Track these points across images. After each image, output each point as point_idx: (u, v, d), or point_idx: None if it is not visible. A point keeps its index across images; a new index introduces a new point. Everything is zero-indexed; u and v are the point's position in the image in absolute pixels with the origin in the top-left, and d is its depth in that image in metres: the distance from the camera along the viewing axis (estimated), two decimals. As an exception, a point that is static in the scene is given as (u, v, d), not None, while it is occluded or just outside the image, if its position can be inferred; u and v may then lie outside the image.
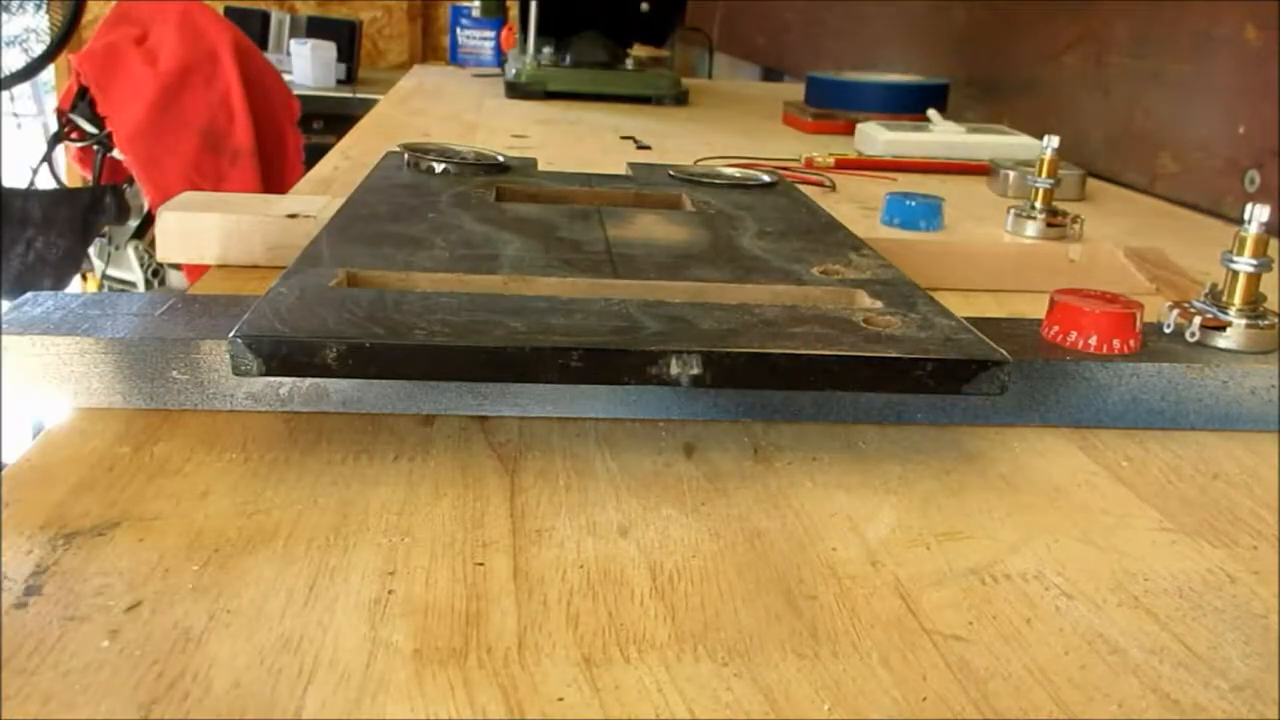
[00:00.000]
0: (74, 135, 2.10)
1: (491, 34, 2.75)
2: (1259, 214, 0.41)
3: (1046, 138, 0.63)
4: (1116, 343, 0.40)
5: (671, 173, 0.64)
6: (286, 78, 2.32)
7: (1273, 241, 0.42)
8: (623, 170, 0.67)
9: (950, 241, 0.61)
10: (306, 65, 2.67)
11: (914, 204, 0.63)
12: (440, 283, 0.39)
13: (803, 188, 0.67)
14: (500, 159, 0.62)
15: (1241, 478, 0.36)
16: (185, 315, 0.38)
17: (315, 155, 1.19)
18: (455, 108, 1.21)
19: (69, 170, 2.44)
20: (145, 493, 0.31)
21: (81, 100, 2.03)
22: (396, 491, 0.32)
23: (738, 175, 0.63)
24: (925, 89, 1.17)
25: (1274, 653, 0.26)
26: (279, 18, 2.98)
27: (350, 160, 0.82)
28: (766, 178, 0.65)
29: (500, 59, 1.98)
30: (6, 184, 1.89)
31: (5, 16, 2.11)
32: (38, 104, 3.25)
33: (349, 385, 0.37)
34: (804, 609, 0.27)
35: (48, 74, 2.90)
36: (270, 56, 2.30)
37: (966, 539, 0.31)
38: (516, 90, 1.29)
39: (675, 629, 0.26)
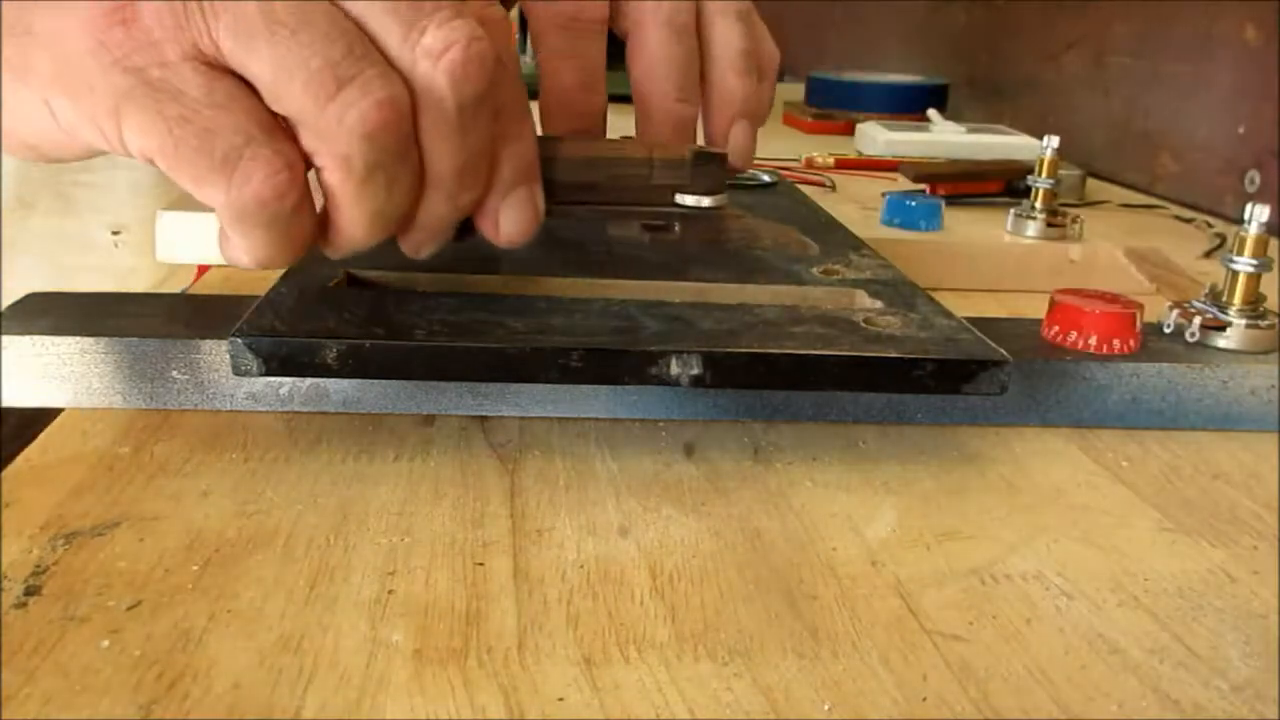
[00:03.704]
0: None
1: (491, 34, 2.74)
2: (1259, 214, 0.41)
3: (1046, 138, 0.63)
4: (1116, 343, 0.40)
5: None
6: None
7: (1273, 241, 0.42)
8: (623, 170, 0.67)
9: (950, 241, 0.61)
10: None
11: (914, 204, 0.63)
12: (440, 283, 0.39)
13: (803, 188, 0.67)
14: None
15: (1241, 478, 0.36)
16: (185, 315, 0.38)
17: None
18: (455, 108, 1.21)
19: (69, 170, 2.43)
20: (145, 493, 0.31)
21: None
22: (396, 491, 0.32)
23: (738, 175, 0.63)
24: (925, 89, 1.17)
25: (1274, 653, 0.26)
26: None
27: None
28: (766, 178, 0.65)
29: (500, 59, 1.97)
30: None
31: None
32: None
33: (349, 385, 0.37)
34: (804, 609, 0.27)
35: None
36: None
37: (966, 539, 0.31)
38: (516, 90, 1.29)
39: (675, 629, 0.26)
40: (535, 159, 0.35)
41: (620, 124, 0.42)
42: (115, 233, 0.52)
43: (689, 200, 0.40)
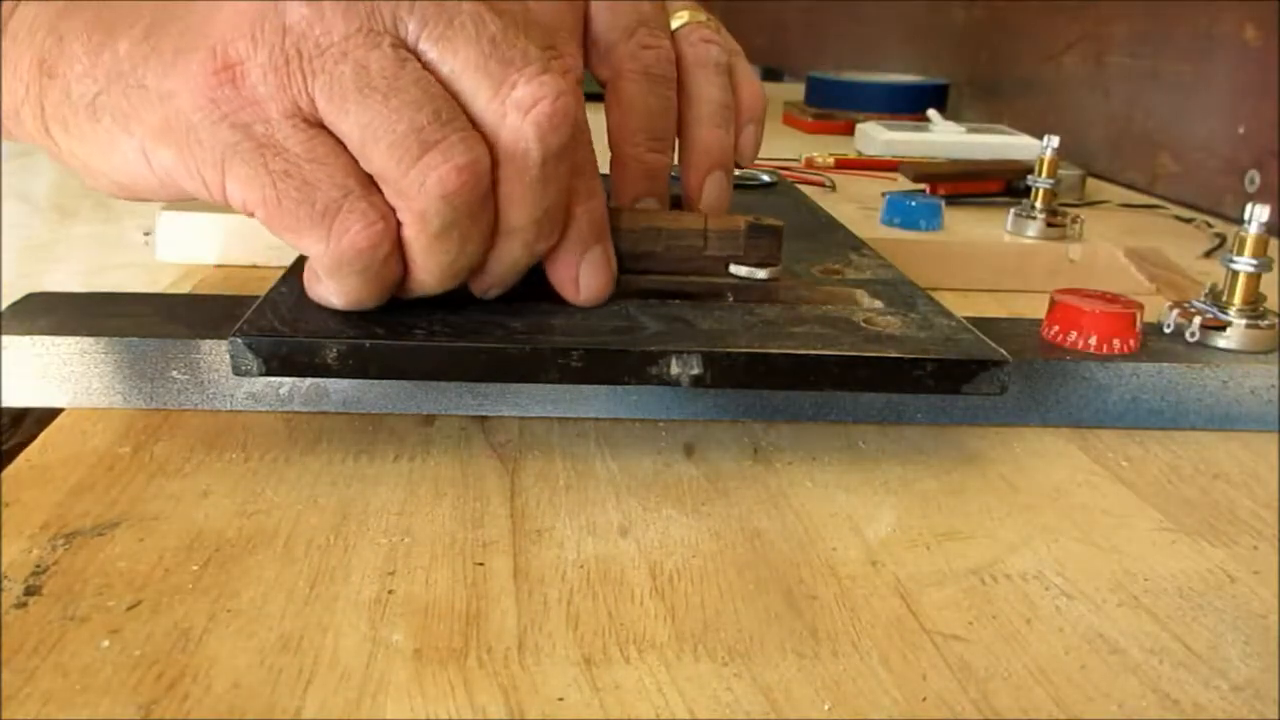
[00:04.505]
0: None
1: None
2: (1259, 214, 0.41)
3: (1046, 138, 0.63)
4: (1116, 343, 0.40)
5: (674, 173, 0.64)
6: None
7: (1273, 241, 0.42)
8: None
9: (950, 241, 0.61)
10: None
11: (914, 204, 0.63)
12: None
13: (803, 188, 0.67)
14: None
15: (1241, 478, 0.36)
16: (185, 315, 0.38)
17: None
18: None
19: (69, 170, 2.43)
20: (145, 493, 0.31)
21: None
22: (396, 491, 0.32)
23: (738, 175, 0.63)
24: (925, 89, 1.17)
25: (1274, 653, 0.26)
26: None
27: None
28: (766, 178, 0.65)
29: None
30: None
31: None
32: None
33: (349, 385, 0.37)
34: (804, 609, 0.27)
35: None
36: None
37: (966, 539, 0.31)
38: (516, 90, 1.29)
39: (675, 629, 0.26)
40: (606, 218, 0.36)
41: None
42: (146, 233, 0.55)
43: (742, 271, 0.40)
